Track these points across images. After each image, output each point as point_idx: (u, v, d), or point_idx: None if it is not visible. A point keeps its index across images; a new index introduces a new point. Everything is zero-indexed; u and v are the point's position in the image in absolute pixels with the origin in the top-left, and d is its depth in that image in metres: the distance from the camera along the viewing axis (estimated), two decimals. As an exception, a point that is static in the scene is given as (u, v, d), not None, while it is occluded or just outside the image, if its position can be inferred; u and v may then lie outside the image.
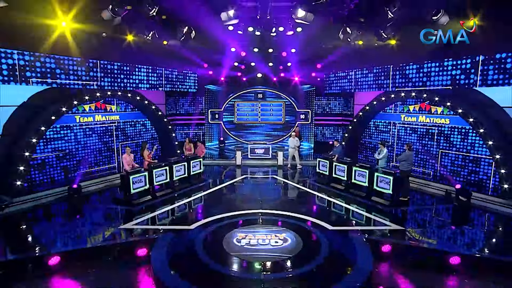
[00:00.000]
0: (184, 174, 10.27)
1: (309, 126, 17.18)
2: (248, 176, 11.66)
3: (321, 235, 6.76)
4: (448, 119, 10.60)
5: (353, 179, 9.74)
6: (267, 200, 8.87)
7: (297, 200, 9.16)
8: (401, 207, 8.68)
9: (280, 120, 17.14)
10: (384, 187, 8.83)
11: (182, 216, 7.91)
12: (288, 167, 12.01)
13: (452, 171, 10.47)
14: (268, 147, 14.05)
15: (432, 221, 7.86)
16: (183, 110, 16.60)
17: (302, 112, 16.98)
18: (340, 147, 11.23)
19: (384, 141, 9.91)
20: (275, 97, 16.98)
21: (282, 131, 17.24)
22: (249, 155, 13.94)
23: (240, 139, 17.02)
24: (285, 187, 10.34)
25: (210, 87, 16.51)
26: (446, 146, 10.68)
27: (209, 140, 16.88)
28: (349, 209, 8.50)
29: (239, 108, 16.74)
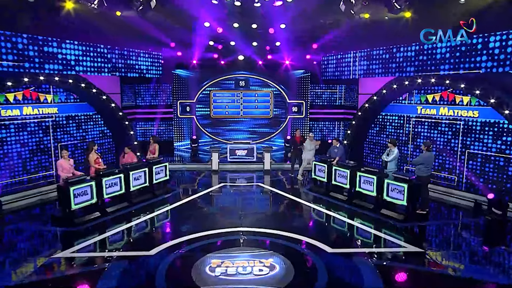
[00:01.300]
0: (145, 183, 10.14)
1: (303, 121, 17.14)
2: (227, 184, 11.72)
3: (318, 259, 6.66)
4: (477, 111, 10.60)
5: (357, 187, 9.69)
6: (250, 214, 8.82)
7: (288, 214, 9.10)
8: (419, 222, 8.63)
9: (267, 114, 17.17)
10: (397, 197, 8.72)
11: (141, 238, 7.74)
12: (298, 178, 11.91)
13: (482, 177, 10.55)
14: (252, 147, 14.07)
15: (458, 240, 7.87)
16: (144, 102, 16.39)
17: (295, 103, 17.01)
18: (341, 148, 11.20)
19: (394, 139, 9.95)
20: (261, 85, 17.00)
21: (270, 127, 17.28)
22: (228, 158, 13.97)
23: (218, 138, 17.08)
24: (273, 198, 10.38)
25: (179, 72, 16.36)
26: (475, 145, 10.72)
27: (178, 139, 16.79)
28: (352, 225, 8.42)
29: (216, 99, 16.81)
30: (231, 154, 14.00)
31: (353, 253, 6.93)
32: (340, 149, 11.07)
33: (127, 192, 9.60)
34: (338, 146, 11.13)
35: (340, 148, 11.09)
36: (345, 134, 14.29)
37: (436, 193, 10.65)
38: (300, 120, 17.12)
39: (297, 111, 17.02)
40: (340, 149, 11.06)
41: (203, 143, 16.89)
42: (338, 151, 10.98)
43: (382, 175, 9.23)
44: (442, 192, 10.66)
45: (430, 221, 8.84)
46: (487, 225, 8.69)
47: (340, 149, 11.07)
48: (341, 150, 11.05)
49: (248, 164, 13.78)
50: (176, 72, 16.23)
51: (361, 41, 12.81)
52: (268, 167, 13.29)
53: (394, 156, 9.60)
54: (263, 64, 16.19)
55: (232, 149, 14.03)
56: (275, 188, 11.16)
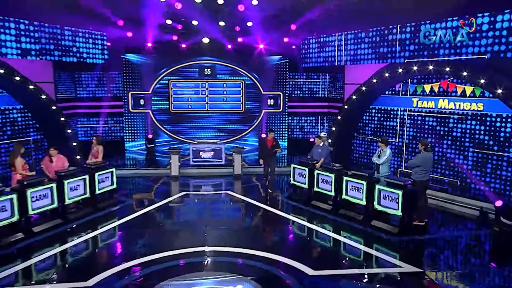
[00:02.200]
0: (85, 194, 10.00)
1: (281, 117, 17.37)
2: (190, 192, 11.84)
3: (298, 285, 6.59)
4: (481, 104, 10.71)
5: (344, 195, 9.73)
6: (217, 230, 8.79)
7: (263, 229, 9.17)
8: (416, 235, 8.64)
9: (238, 108, 17.35)
10: (390, 206, 8.72)
11: (77, 265, 7.45)
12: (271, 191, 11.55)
13: (489, 181, 10.62)
14: (220, 148, 14.24)
15: (462, 257, 7.88)
16: (86, 93, 16.11)
17: (270, 95, 17.23)
18: (326, 148, 11.23)
19: (386, 138, 10.11)
20: (231, 73, 17.14)
21: (241, 123, 17.50)
22: (191, 161, 14.13)
23: (179, 137, 17.15)
24: (245, 209, 10.44)
25: (130, 57, 16.19)
26: (480, 143, 10.80)
27: (130, 139, 16.65)
28: (339, 241, 8.43)
29: (177, 90, 16.97)
30: (194, 157, 14.07)
31: (340, 276, 6.92)
32: (324, 149, 11.09)
33: (62, 205, 9.34)
34: (321, 145, 11.14)
35: (324, 148, 11.11)
36: (330, 131, 14.37)
37: (436, 200, 10.76)
38: (277, 115, 17.33)
39: (274, 104, 17.20)
40: (324, 149, 11.09)
41: (161, 143, 16.96)
42: (322, 152, 10.99)
43: (372, 180, 9.24)
44: (442, 199, 10.76)
45: (429, 233, 8.91)
46: (495, 238, 8.76)
47: (324, 149, 11.10)
48: (325, 150, 11.08)
49: (215, 168, 13.89)
50: (126, 57, 16.10)
51: (348, 21, 12.90)
52: (239, 172, 13.39)
53: (386, 157, 9.65)
54: (232, 48, 16.23)
55: (195, 150, 14.10)
56: (247, 197, 11.21)
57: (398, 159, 12.90)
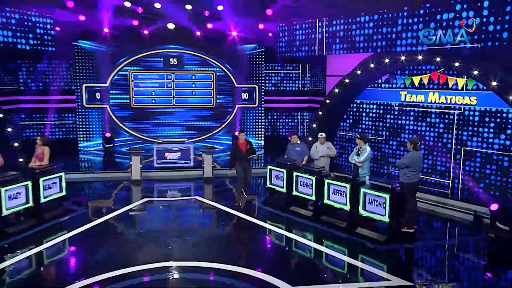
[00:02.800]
0: (28, 203, 9.67)
1: (256, 112, 17.46)
2: (154, 198, 11.83)
3: None
4: (474, 97, 10.85)
5: (326, 199, 9.77)
6: (184, 241, 8.70)
7: (236, 239, 9.14)
8: (405, 243, 8.69)
9: (208, 103, 17.47)
10: (377, 211, 8.75)
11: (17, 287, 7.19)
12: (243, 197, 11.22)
13: (483, 182, 10.74)
14: (188, 148, 14.21)
15: (456, 267, 7.93)
16: (31, 85, 15.94)
17: (245, 89, 17.31)
18: (305, 146, 11.30)
19: (365, 134, 10.19)
20: (200, 64, 17.20)
21: (213, 120, 17.61)
22: (155, 163, 14.09)
23: (141, 135, 17.11)
24: (216, 217, 10.50)
25: (84, 44, 16.04)
26: (473, 141, 10.94)
27: (85, 138, 16.55)
28: (320, 251, 8.40)
29: (139, 82, 16.88)
30: (159, 158, 13.99)
31: (321, 292, 6.84)
32: (303, 148, 11.13)
33: (-1, 217, 9.03)
34: (299, 143, 11.16)
35: (303, 147, 11.14)
36: (310, 128, 14.43)
37: (426, 203, 10.85)
38: (252, 110, 17.40)
39: (248, 98, 17.30)
40: (303, 148, 11.12)
41: (121, 142, 16.84)
42: (302, 151, 11.06)
43: (357, 182, 9.27)
44: (433, 203, 10.85)
45: (419, 241, 8.96)
46: (491, 245, 8.83)
47: (303, 148, 11.13)
48: (304, 149, 11.11)
49: (183, 171, 13.92)
50: (79, 44, 15.94)
51: (330, 4, 12.97)
52: (210, 174, 13.39)
53: (366, 155, 9.72)
54: (201, 35, 16.21)
55: (160, 151, 14.03)
56: (219, 203, 11.18)
57: (389, 159, 12.95)
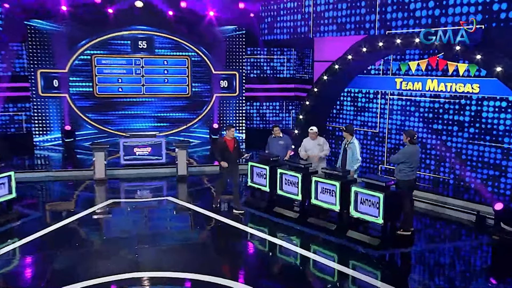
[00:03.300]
0: None
1: (236, 102, 17.54)
2: (121, 200, 11.76)
3: None
4: (477, 85, 10.91)
5: (313, 199, 9.79)
6: (154, 249, 8.64)
7: (213, 245, 9.06)
8: (401, 248, 8.73)
9: (183, 92, 17.45)
10: (370, 212, 8.77)
11: None
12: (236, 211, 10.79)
13: (487, 180, 10.82)
14: (159, 142, 14.17)
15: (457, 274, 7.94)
16: None
17: (223, 76, 17.30)
18: (288, 139, 11.35)
19: (352, 126, 10.28)
20: (173, 47, 17.20)
21: (188, 111, 17.66)
22: (123, 159, 13.98)
23: (107, 128, 17.01)
24: (191, 220, 10.44)
25: (38, 24, 15.89)
26: (476, 134, 11.02)
27: (40, 131, 16.47)
28: (307, 258, 8.38)
29: (103, 68, 16.71)
30: (127, 154, 13.91)
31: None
32: (286, 141, 11.11)
33: None
34: (282, 136, 11.10)
35: (286, 140, 11.12)
36: (297, 119, 14.44)
37: (424, 203, 10.91)
38: (232, 100, 17.38)
39: (228, 86, 17.28)
40: (287, 141, 11.10)
41: (83, 136, 16.72)
42: (286, 144, 11.05)
43: (348, 180, 9.32)
44: (431, 202, 10.90)
45: (417, 245, 8.99)
46: (495, 248, 8.87)
47: (287, 141, 11.11)
48: (287, 142, 11.10)
49: (154, 168, 13.90)
50: (31, 24, 15.70)
51: None
52: (184, 172, 13.30)
53: (358, 149, 9.84)
54: (174, 15, 16.07)
55: (128, 146, 13.92)
56: (194, 204, 11.15)
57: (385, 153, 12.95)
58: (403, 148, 9.21)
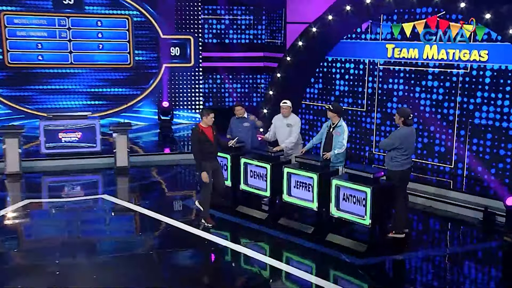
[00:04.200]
0: None
1: (192, 74, 17.73)
2: (42, 199, 11.75)
3: None
4: (485, 52, 10.97)
5: (285, 196, 9.84)
6: (82, 263, 8.53)
7: (160, 256, 8.87)
8: (393, 255, 8.73)
9: (123, 61, 17.61)
10: (354, 211, 8.80)
11: None
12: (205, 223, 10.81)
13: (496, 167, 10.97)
14: (92, 125, 14.17)
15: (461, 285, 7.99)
16: None
17: (175, 41, 17.51)
18: (254, 121, 11.37)
19: (340, 105, 10.26)
20: (109, 4, 17.41)
21: (130, 85, 17.84)
22: (44, 147, 13.93)
23: (22, 107, 16.85)
24: (132, 224, 10.47)
25: None
26: (482, 111, 11.16)
27: None
28: (278, 270, 8.32)
29: (16, 30, 16.70)
30: (49, 140, 13.83)
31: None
32: (252, 122, 11.22)
33: None
34: (247, 117, 11.19)
35: (252, 121, 11.23)
36: (265, 95, 14.43)
37: (421, 197, 10.99)
38: (185, 72, 17.51)
39: (180, 55, 17.38)
40: (253, 123, 11.22)
41: None
42: (250, 127, 11.11)
43: (328, 172, 9.32)
44: (430, 196, 10.99)
45: (411, 251, 9.01)
46: (508, 253, 8.93)
47: (253, 122, 11.22)
48: (254, 124, 11.24)
49: (86, 158, 13.90)
50: None
51: None
52: (125, 163, 13.33)
53: (345, 135, 9.79)
54: None
55: (51, 130, 13.86)
56: (137, 204, 11.19)
57: (370, 138, 12.95)
58: (396, 131, 9.13)
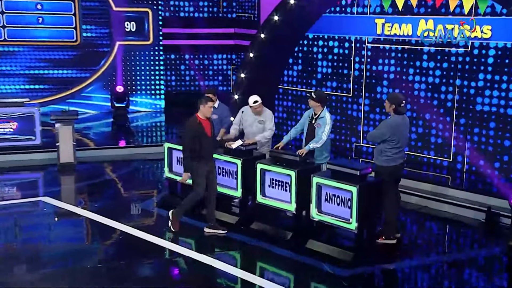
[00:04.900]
0: None
1: (150, 54, 17.95)
2: None
3: None
4: (488, 28, 11.08)
5: (259, 196, 9.96)
6: (18, 275, 8.52)
7: (111, 269, 8.85)
8: (382, 264, 8.76)
9: (68, 38, 17.69)
10: (338, 213, 8.91)
11: None
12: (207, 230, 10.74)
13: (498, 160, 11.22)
14: (31, 114, 14.28)
15: None
16: None
17: (130, 15, 17.69)
18: (226, 108, 11.71)
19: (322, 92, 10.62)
20: None
21: (76, 67, 17.87)
22: None
23: None
24: (79, 231, 10.55)
25: None
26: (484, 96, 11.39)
27: None
28: (250, 284, 8.37)
29: None
30: None
31: None
32: (222, 112, 11.38)
33: None
34: (217, 107, 11.29)
35: (222, 111, 11.40)
36: (236, 79, 14.51)
37: (415, 196, 11.14)
38: (143, 51, 17.71)
39: (136, 31, 17.45)
40: (223, 113, 11.40)
41: None
42: (219, 118, 11.21)
43: (308, 168, 9.39)
44: (425, 194, 11.15)
45: (404, 259, 9.06)
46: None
47: (223, 112, 11.40)
48: (224, 114, 11.41)
49: (23, 153, 13.97)
50: None
51: None
52: (71, 159, 13.37)
53: (326, 128, 9.77)
54: None
55: None
56: (83, 207, 11.22)
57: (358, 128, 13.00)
58: (386, 120, 9.17)
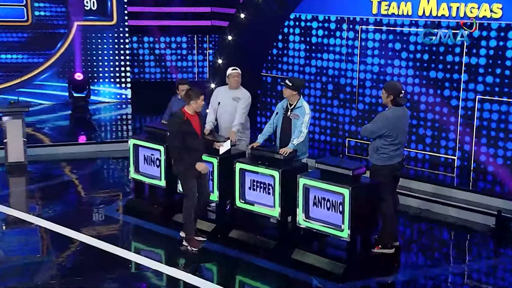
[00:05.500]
0: None
1: (114, 37, 18.15)
2: None
3: None
4: (498, 6, 11.29)
5: (238, 200, 10.08)
6: None
7: (67, 286, 8.83)
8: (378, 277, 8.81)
9: (18, 17, 17.85)
10: (328, 219, 8.94)
11: None
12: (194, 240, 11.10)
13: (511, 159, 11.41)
14: None
15: None
16: None
17: None
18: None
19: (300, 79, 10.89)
20: None
21: (27, 51, 18.06)
22: None
23: None
24: (33, 241, 10.48)
25: None
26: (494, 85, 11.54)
27: None
28: None
29: None
30: None
31: None
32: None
33: None
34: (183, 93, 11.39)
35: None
36: (213, 64, 14.66)
37: (415, 199, 11.25)
38: (105, 33, 17.90)
39: (97, 10, 17.69)
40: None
41: None
42: None
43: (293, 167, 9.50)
44: (426, 196, 11.24)
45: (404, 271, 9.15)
46: None
47: None
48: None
49: None
50: None
51: None
52: (21, 158, 13.65)
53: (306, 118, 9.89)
54: None
55: None
56: (36, 214, 11.21)
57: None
58: (383, 113, 9.17)
